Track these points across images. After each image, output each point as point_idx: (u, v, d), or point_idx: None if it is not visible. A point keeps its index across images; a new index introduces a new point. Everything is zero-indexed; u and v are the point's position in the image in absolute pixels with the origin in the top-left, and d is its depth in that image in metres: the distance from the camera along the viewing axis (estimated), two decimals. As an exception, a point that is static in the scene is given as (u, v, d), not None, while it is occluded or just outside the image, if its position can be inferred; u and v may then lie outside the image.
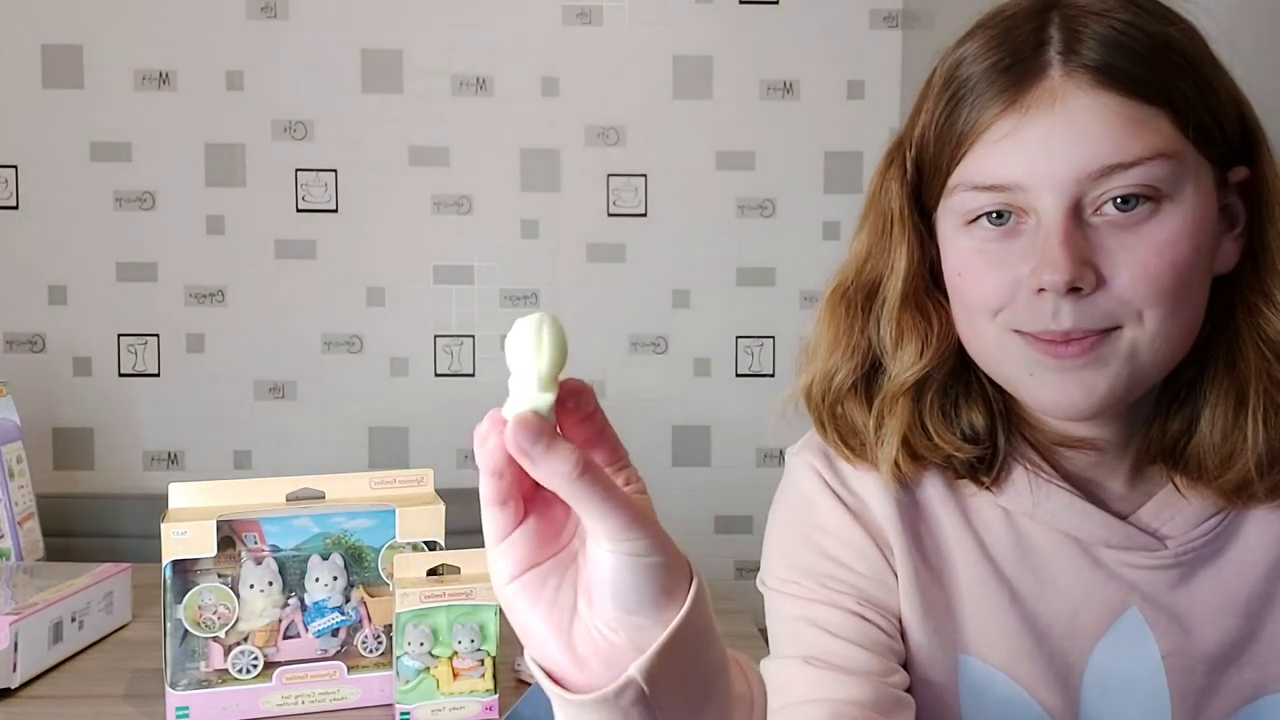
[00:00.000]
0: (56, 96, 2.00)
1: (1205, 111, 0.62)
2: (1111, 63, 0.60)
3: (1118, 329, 0.62)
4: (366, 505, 0.98)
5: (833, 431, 0.73)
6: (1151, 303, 0.61)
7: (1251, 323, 0.65)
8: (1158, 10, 0.63)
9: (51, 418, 2.04)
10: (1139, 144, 0.60)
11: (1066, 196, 0.61)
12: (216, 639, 0.94)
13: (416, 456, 2.08)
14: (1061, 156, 0.60)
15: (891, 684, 0.69)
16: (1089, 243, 0.61)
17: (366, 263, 2.05)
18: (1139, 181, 0.60)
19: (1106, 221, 0.61)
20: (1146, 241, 0.61)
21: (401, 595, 0.89)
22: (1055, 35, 0.62)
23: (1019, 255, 0.62)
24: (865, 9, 2.07)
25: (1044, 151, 0.60)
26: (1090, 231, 0.61)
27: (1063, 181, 0.60)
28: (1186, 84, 0.61)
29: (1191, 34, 0.63)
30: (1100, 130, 0.60)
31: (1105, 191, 0.60)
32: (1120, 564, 0.70)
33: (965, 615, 0.72)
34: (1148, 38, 0.61)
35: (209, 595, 0.93)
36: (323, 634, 0.96)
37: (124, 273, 2.03)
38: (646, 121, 2.07)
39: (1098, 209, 0.61)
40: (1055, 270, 0.60)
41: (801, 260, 2.10)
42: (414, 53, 2.03)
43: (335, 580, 0.96)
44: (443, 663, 0.91)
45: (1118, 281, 0.61)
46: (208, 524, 0.91)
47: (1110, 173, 0.60)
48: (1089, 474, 0.71)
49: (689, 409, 2.12)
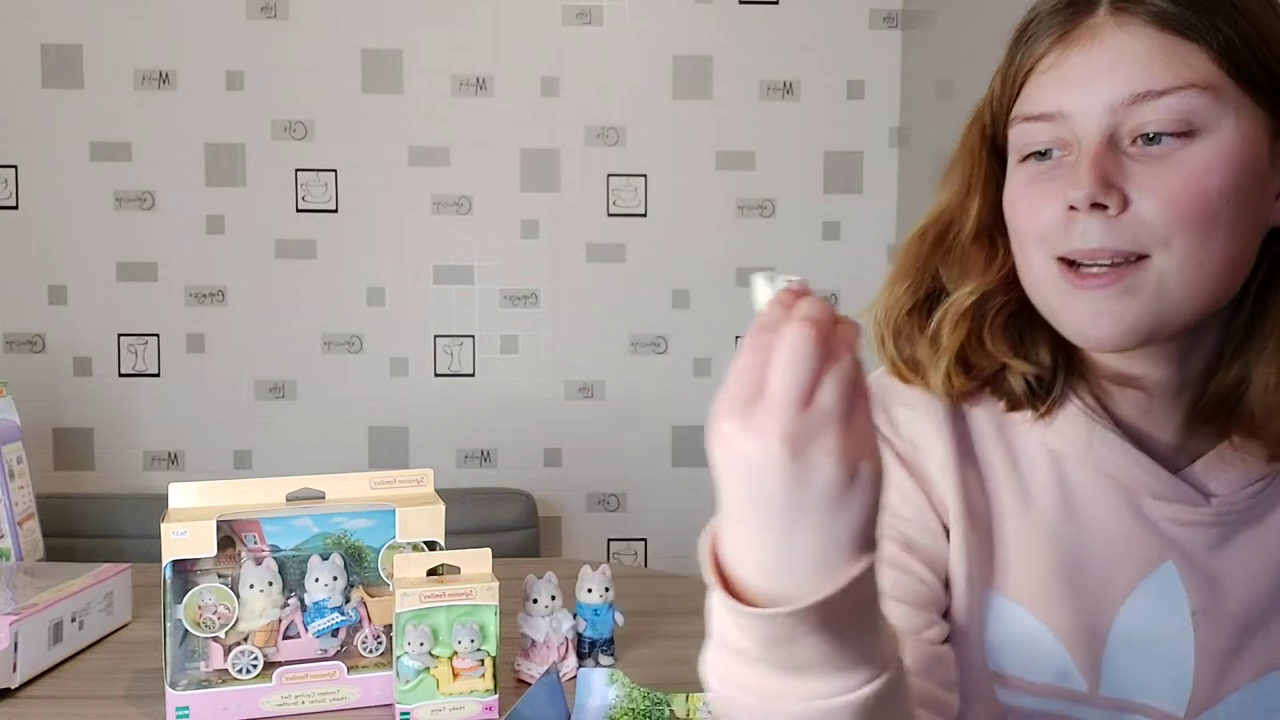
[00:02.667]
0: (56, 96, 2.00)
1: (1249, 54, 0.64)
2: (1154, 4, 0.63)
3: (1146, 258, 0.64)
4: (366, 505, 0.98)
5: (890, 346, 0.76)
6: (1178, 229, 0.63)
7: None
8: None
9: (51, 418, 2.04)
10: (1171, 74, 0.63)
11: (1102, 124, 0.64)
12: (216, 639, 0.94)
13: (416, 456, 2.08)
14: (1097, 85, 0.64)
15: (928, 639, 0.71)
16: (1120, 168, 0.64)
17: (366, 263, 2.06)
18: (1170, 111, 0.63)
19: (1140, 151, 0.64)
20: (1175, 169, 0.63)
21: (401, 595, 0.89)
22: None
23: (1061, 184, 0.66)
24: (865, 9, 2.07)
25: (1082, 80, 0.65)
26: (1124, 158, 0.64)
27: (1098, 109, 0.64)
28: (1230, 26, 0.63)
29: None
30: (1134, 60, 0.64)
31: (1140, 123, 0.64)
32: (1162, 518, 0.71)
33: (1002, 555, 0.73)
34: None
35: (209, 595, 0.93)
36: (323, 634, 0.96)
37: (124, 273, 2.03)
38: (646, 121, 2.07)
39: (1134, 140, 0.64)
40: (1079, 186, 0.64)
41: (801, 260, 2.10)
42: (414, 53, 2.03)
43: (335, 580, 0.96)
44: (443, 663, 0.91)
45: (1144, 206, 0.64)
46: (208, 524, 0.91)
47: (1142, 99, 0.63)
48: (1140, 423, 0.72)
49: (689, 409, 2.12)
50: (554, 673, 0.89)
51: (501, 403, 2.09)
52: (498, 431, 2.10)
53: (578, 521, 2.12)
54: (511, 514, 1.96)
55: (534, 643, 1.01)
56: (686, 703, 0.91)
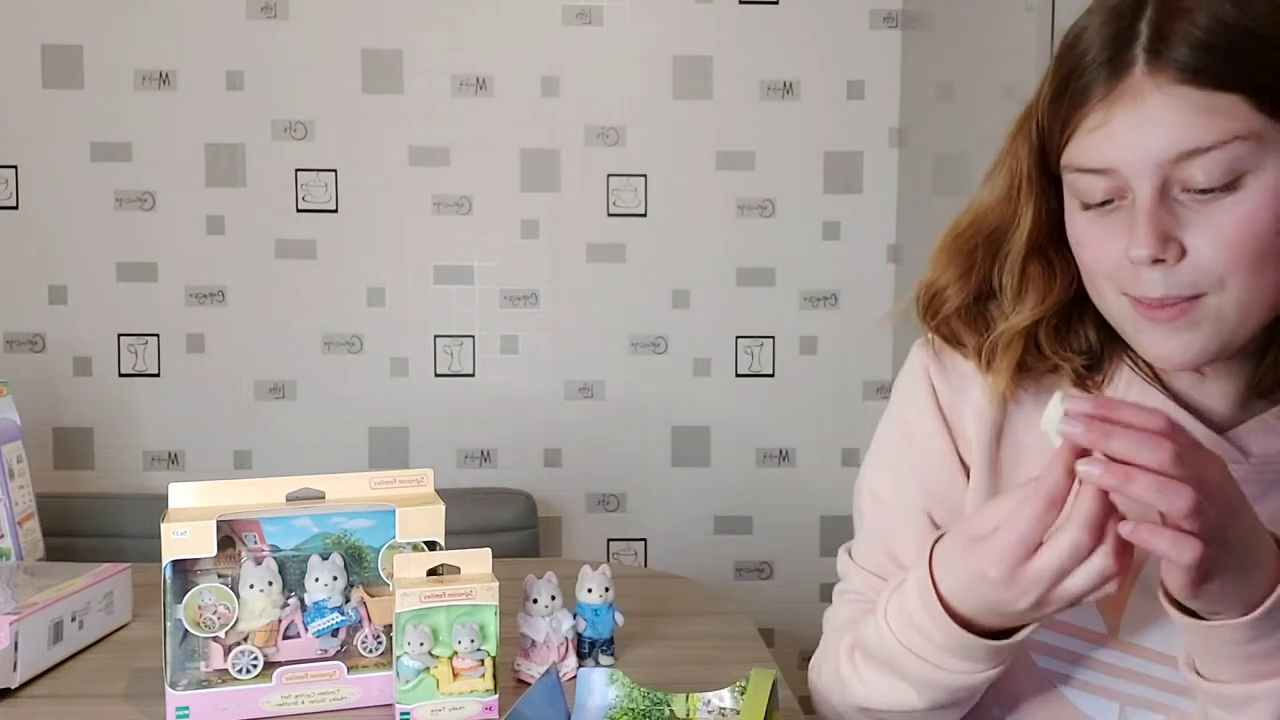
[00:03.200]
0: (56, 96, 2.00)
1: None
2: (1188, 62, 0.66)
3: (1203, 295, 0.69)
4: (366, 505, 0.98)
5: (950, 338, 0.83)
6: (1233, 270, 0.68)
7: None
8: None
9: (51, 418, 2.04)
10: (1214, 130, 0.66)
11: (1152, 179, 0.68)
12: (216, 639, 0.94)
13: (416, 456, 2.08)
14: (1144, 146, 0.67)
15: None
16: (1174, 217, 0.68)
17: (366, 263, 2.06)
18: (1216, 164, 0.66)
19: (1191, 198, 0.68)
20: (1226, 215, 0.67)
21: (401, 595, 0.89)
22: (1144, 31, 0.68)
23: (1121, 229, 0.70)
24: (865, 9, 2.07)
25: (1130, 142, 0.68)
26: (1177, 206, 0.68)
27: (1147, 167, 0.68)
28: (1264, 69, 0.66)
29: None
30: (1176, 121, 0.66)
31: (1188, 176, 0.67)
32: None
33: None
34: (1228, 29, 0.66)
35: (209, 595, 0.93)
36: (322, 634, 0.96)
37: (124, 273, 2.03)
38: (646, 121, 2.07)
39: (1185, 188, 0.68)
40: (1139, 246, 0.68)
41: (801, 260, 2.10)
42: (414, 53, 2.03)
43: (335, 580, 0.96)
44: (443, 663, 0.91)
45: (1200, 253, 0.68)
46: (208, 524, 0.90)
47: (1189, 157, 0.66)
48: (1191, 394, 0.78)
49: (689, 409, 2.12)
50: (554, 673, 0.89)
51: (501, 403, 2.09)
52: (498, 431, 2.10)
53: (578, 521, 2.12)
54: (511, 514, 1.96)
55: (534, 643, 1.01)
56: (686, 703, 0.91)
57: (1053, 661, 0.82)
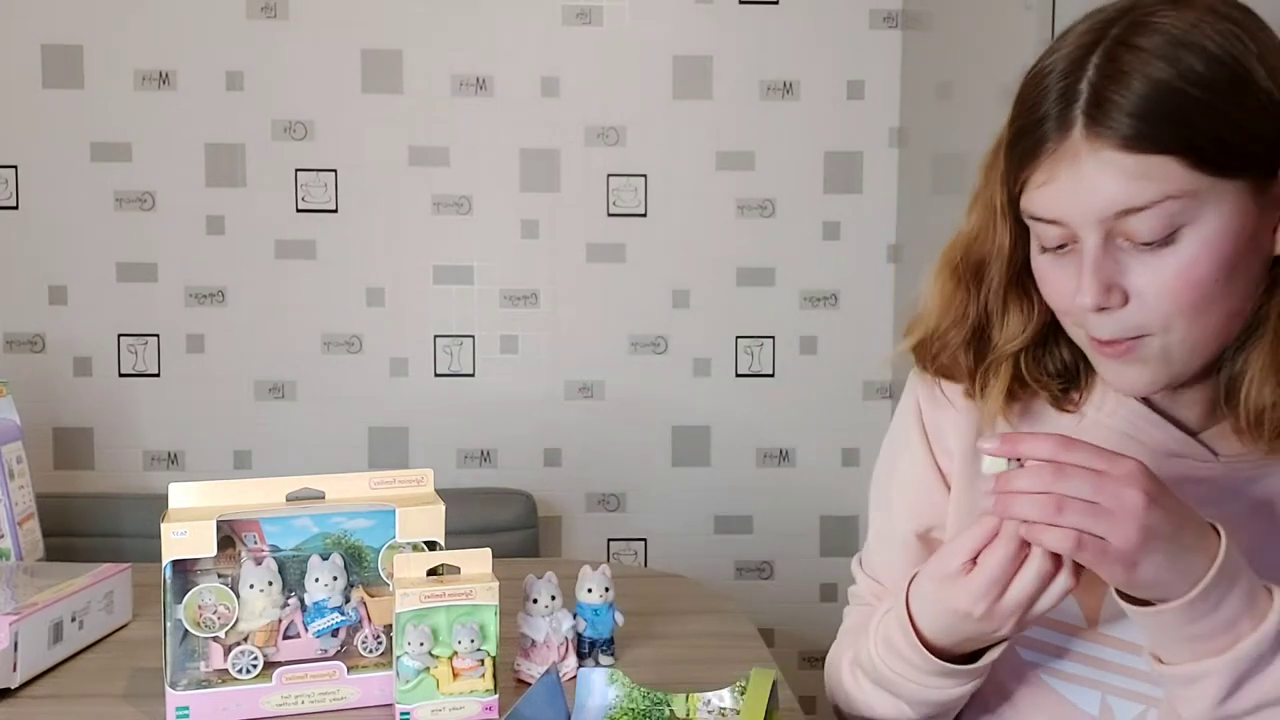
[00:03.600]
0: (56, 96, 2.00)
1: (1220, 150, 0.69)
2: (1122, 128, 0.69)
3: (1148, 335, 0.73)
4: (366, 505, 0.98)
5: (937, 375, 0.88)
6: (1175, 315, 0.72)
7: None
8: (1188, 49, 0.69)
9: (51, 418, 2.04)
10: (1149, 191, 0.69)
11: (1096, 232, 0.71)
12: (216, 639, 0.94)
13: (416, 456, 2.08)
14: (1084, 205, 0.71)
15: None
16: (1119, 266, 0.72)
17: (366, 263, 2.06)
18: (1153, 220, 0.69)
19: (1133, 247, 0.71)
20: (1166, 266, 0.70)
21: (401, 595, 0.89)
22: (1084, 92, 0.70)
23: (1073, 272, 0.74)
24: (865, 9, 2.07)
25: (1072, 200, 0.71)
26: (1121, 255, 0.72)
27: (1089, 222, 0.71)
28: (1198, 131, 0.68)
29: (1225, 62, 0.69)
30: (1111, 184, 0.70)
31: (1128, 231, 0.70)
32: (1173, 475, 0.76)
33: None
34: (1164, 94, 0.68)
35: (209, 595, 0.93)
36: (323, 634, 0.96)
37: (124, 273, 2.03)
38: (646, 121, 2.07)
39: (1127, 239, 0.71)
40: (1084, 295, 0.72)
41: (801, 260, 2.10)
42: (414, 53, 2.03)
43: (335, 580, 0.96)
44: (443, 663, 0.91)
45: (1143, 299, 0.72)
46: (208, 524, 0.90)
47: (1127, 214, 0.70)
48: (1165, 403, 0.81)
49: (689, 409, 2.12)
50: (554, 673, 0.89)
51: (501, 403, 2.09)
52: (498, 431, 2.10)
53: (578, 521, 2.12)
54: (511, 514, 1.96)
55: (534, 643, 1.01)
56: (686, 703, 0.91)
57: (1036, 654, 0.84)
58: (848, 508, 2.13)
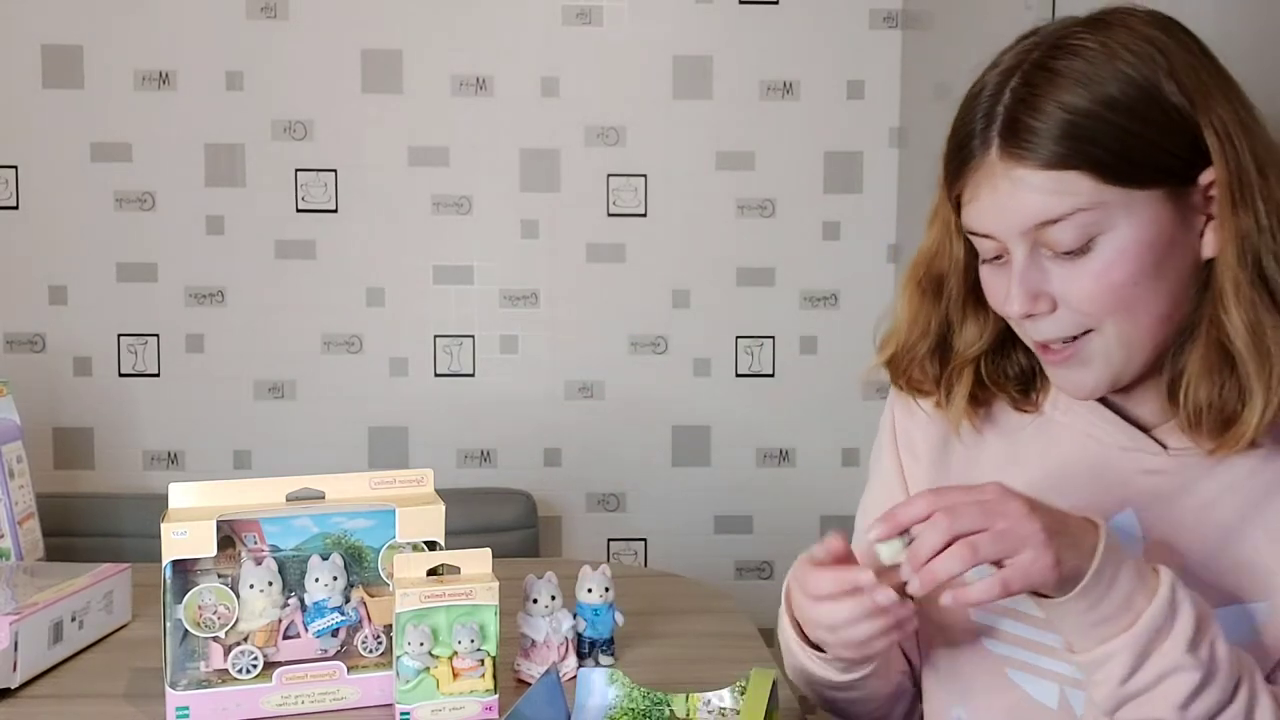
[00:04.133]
0: (56, 96, 2.00)
1: (1126, 164, 0.72)
2: (1031, 149, 0.73)
3: (1089, 333, 0.77)
4: (366, 505, 0.98)
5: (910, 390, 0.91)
6: (1103, 317, 0.75)
7: (1217, 301, 0.76)
8: (1099, 72, 0.73)
9: (51, 418, 2.04)
10: (1061, 205, 0.73)
11: (1020, 244, 0.76)
12: (216, 639, 0.94)
13: (416, 456, 2.08)
14: (1005, 220, 0.76)
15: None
16: (1044, 274, 0.76)
17: (366, 263, 2.05)
18: (1068, 231, 0.74)
19: (1056, 256, 0.75)
20: (1086, 269, 0.74)
21: (401, 595, 0.89)
22: (1000, 115, 0.75)
23: (1006, 280, 0.78)
24: (865, 9, 2.07)
25: (993, 215, 0.77)
26: (1046, 263, 0.76)
27: (1012, 235, 0.76)
28: (1104, 147, 0.72)
29: (1136, 83, 0.72)
30: (1025, 200, 0.74)
31: (1048, 241, 0.75)
32: (1128, 469, 0.82)
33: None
34: (1074, 115, 0.72)
35: (209, 595, 0.93)
36: (323, 634, 0.96)
37: (124, 273, 2.03)
38: (646, 121, 2.07)
39: (1049, 249, 0.75)
40: (1011, 303, 0.77)
41: (801, 260, 2.10)
42: (414, 53, 2.03)
43: (335, 580, 0.96)
44: (443, 663, 0.91)
45: (1068, 305, 0.76)
46: (208, 524, 0.91)
47: (1044, 226, 0.74)
48: (1119, 401, 0.84)
49: (689, 409, 2.12)
50: (554, 673, 0.89)
51: (501, 403, 2.09)
52: (498, 431, 2.10)
53: (578, 521, 2.12)
54: (511, 514, 1.96)
55: (534, 643, 1.01)
56: (686, 702, 0.91)
57: (999, 644, 0.86)
58: (848, 508, 2.10)
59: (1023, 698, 0.84)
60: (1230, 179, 0.73)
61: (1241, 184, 0.73)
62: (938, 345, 0.88)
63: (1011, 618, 0.85)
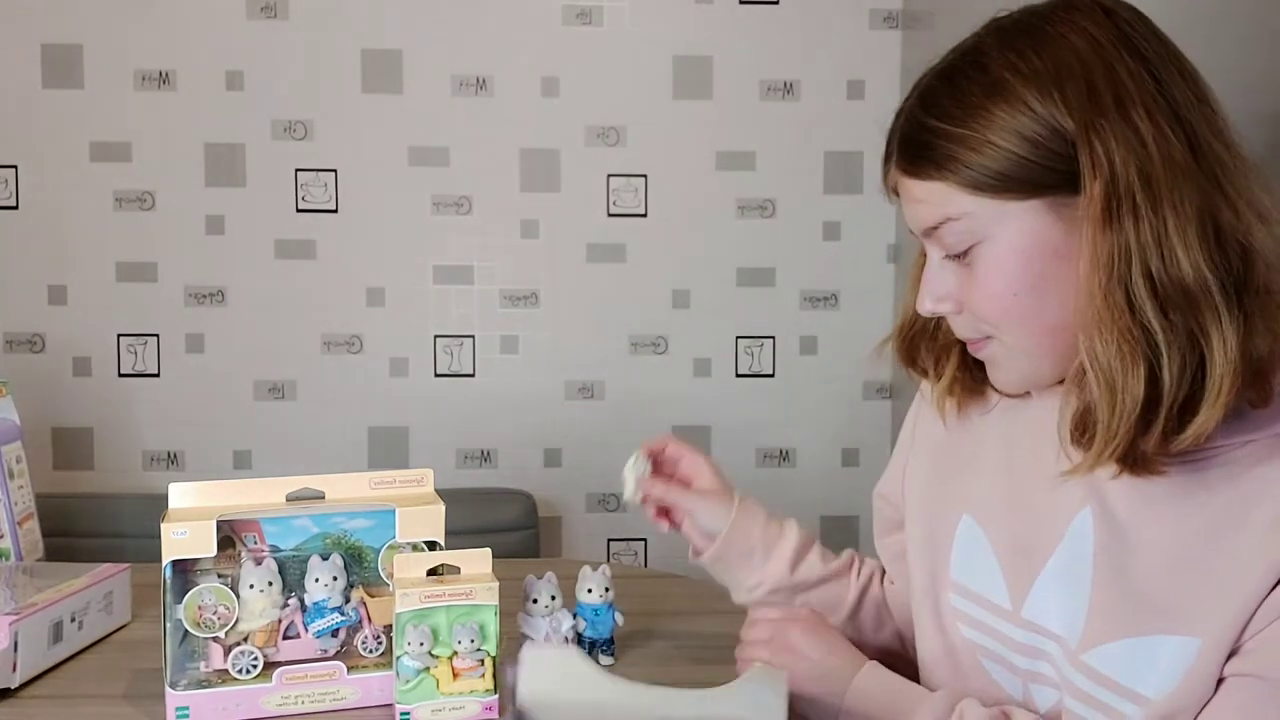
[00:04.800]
0: (56, 96, 2.00)
1: (989, 175, 0.71)
2: (902, 158, 0.77)
3: (992, 339, 0.77)
4: (366, 505, 0.98)
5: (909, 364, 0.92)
6: (997, 323, 0.76)
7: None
8: (945, 82, 0.75)
9: (51, 418, 2.04)
10: (933, 213, 0.75)
11: (928, 246, 0.78)
12: (216, 639, 0.94)
13: (416, 456, 2.08)
14: (909, 221, 0.79)
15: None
16: (954, 276, 0.77)
17: (366, 263, 2.06)
18: (948, 238, 0.75)
19: (952, 260, 0.76)
20: (972, 279, 0.75)
21: (401, 595, 0.89)
22: (899, 122, 0.78)
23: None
24: (865, 9, 2.07)
25: (905, 218, 0.79)
26: (954, 266, 0.76)
27: (920, 237, 0.79)
28: (966, 160, 0.72)
29: (991, 91, 0.72)
30: (910, 206, 0.77)
31: (939, 243, 0.76)
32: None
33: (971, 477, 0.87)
34: (921, 129, 0.75)
35: (209, 595, 0.93)
36: (322, 634, 0.96)
37: (124, 273, 2.03)
38: (646, 121, 2.07)
39: (944, 251, 0.76)
40: (920, 304, 0.79)
41: (801, 260, 2.10)
42: (414, 53, 2.03)
43: (335, 580, 0.96)
44: (443, 663, 0.91)
45: (968, 307, 0.77)
46: (208, 524, 0.91)
47: (929, 232, 0.76)
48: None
49: (689, 409, 2.12)
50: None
51: (501, 403, 2.09)
52: (498, 431, 2.10)
53: (578, 521, 2.12)
54: (511, 514, 1.96)
55: (534, 643, 1.01)
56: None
57: (974, 632, 0.85)
58: (848, 508, 2.13)
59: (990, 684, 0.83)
60: (1105, 195, 0.68)
61: (1118, 202, 0.67)
62: (935, 331, 0.88)
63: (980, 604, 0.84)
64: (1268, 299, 0.67)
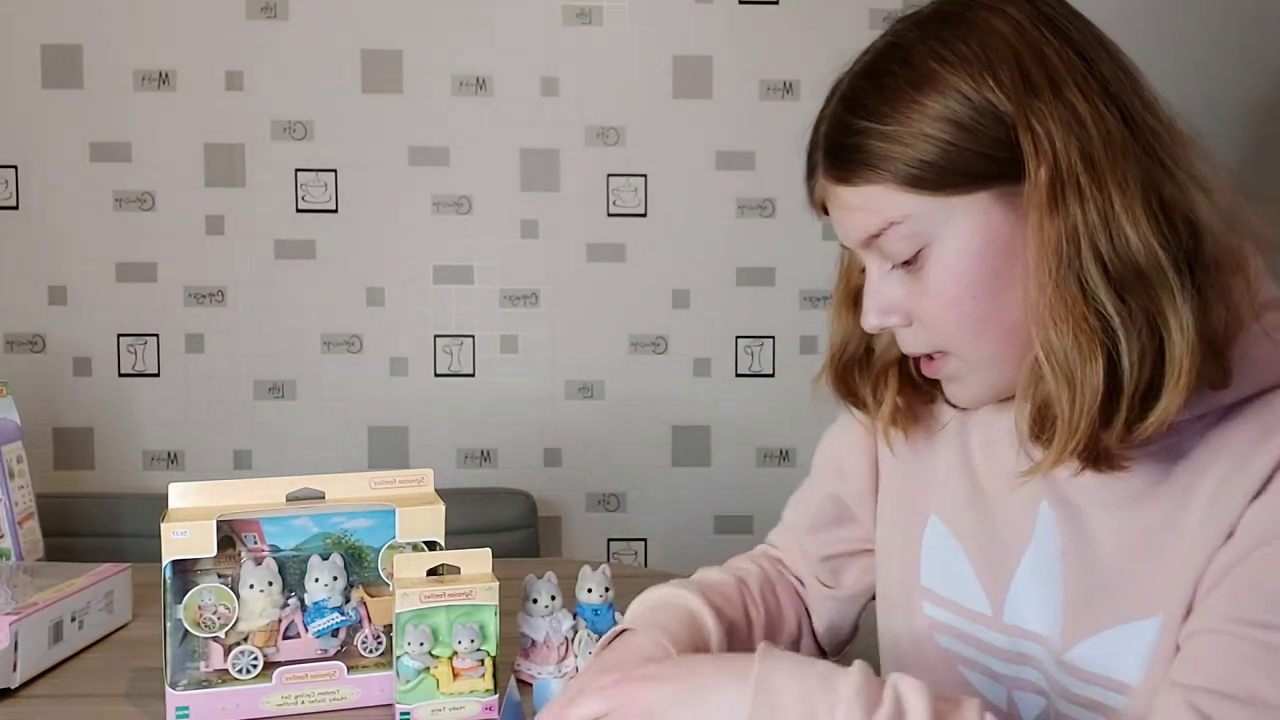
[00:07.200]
0: (56, 96, 2.00)
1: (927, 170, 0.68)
2: (831, 165, 0.72)
3: (945, 354, 0.74)
4: (366, 505, 0.98)
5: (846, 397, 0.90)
6: (950, 335, 0.72)
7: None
8: (863, 79, 0.74)
9: (51, 418, 2.04)
10: (873, 219, 0.70)
11: (867, 258, 0.74)
12: (216, 639, 0.94)
13: (416, 456, 2.08)
14: (843, 235, 0.74)
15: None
16: (899, 288, 0.72)
17: (366, 263, 2.05)
18: (891, 244, 0.70)
19: (898, 269, 0.72)
20: (924, 287, 0.71)
21: (401, 595, 0.89)
22: (822, 129, 0.75)
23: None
24: (865, 9, 2.07)
25: (838, 231, 0.75)
26: (898, 278, 0.72)
27: (858, 250, 0.74)
28: (911, 154, 0.68)
29: (914, 83, 0.69)
30: (846, 216, 0.73)
31: (885, 252, 0.71)
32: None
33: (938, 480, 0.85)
34: (848, 131, 0.71)
35: (209, 595, 0.93)
36: (323, 634, 0.96)
37: (124, 273, 2.03)
38: (646, 121, 2.07)
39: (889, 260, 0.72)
40: (865, 319, 0.75)
41: (801, 260, 2.10)
42: (414, 53, 2.03)
43: (335, 580, 0.96)
44: (443, 663, 0.91)
45: (919, 319, 0.73)
46: (208, 524, 0.91)
47: (870, 241, 0.72)
48: None
49: (689, 409, 2.12)
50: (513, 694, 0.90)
51: (501, 403, 2.09)
52: (498, 431, 2.10)
53: (578, 521, 2.12)
54: (511, 514, 1.96)
55: (534, 643, 1.01)
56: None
57: (951, 640, 0.83)
58: (848, 508, 2.12)
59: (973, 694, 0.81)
60: (1050, 180, 0.65)
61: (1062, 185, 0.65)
62: (865, 354, 0.85)
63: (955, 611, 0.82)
64: (1218, 275, 0.65)
